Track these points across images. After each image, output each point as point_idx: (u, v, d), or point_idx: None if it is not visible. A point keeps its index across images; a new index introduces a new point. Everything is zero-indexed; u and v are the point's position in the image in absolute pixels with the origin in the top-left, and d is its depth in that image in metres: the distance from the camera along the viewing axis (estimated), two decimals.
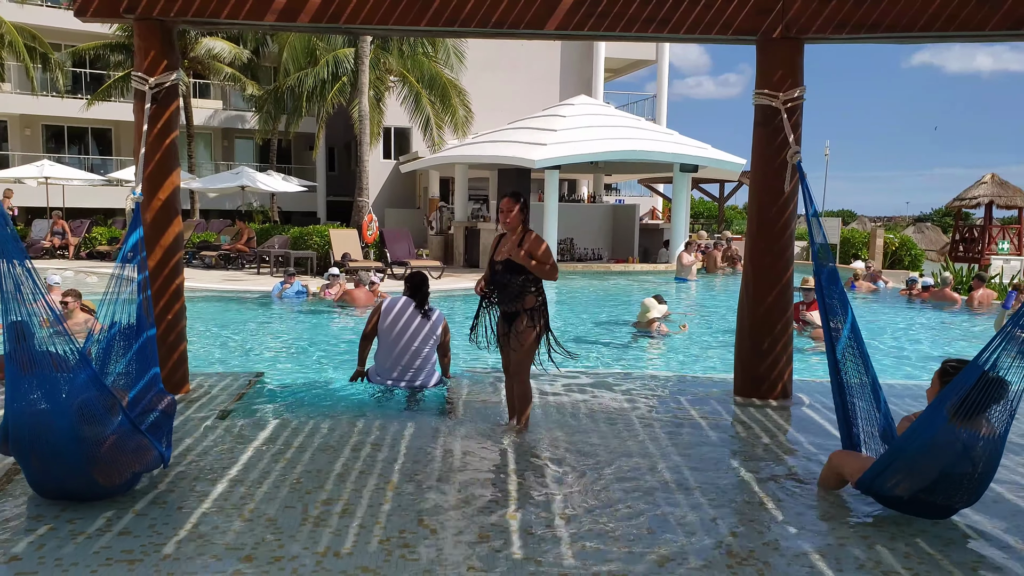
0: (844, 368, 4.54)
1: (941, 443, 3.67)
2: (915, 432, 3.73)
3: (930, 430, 3.67)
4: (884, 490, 3.93)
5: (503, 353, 5.52)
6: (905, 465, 3.78)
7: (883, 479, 3.88)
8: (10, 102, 29.77)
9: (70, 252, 21.80)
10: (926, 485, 3.77)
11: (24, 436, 3.71)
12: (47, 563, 3.29)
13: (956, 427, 3.61)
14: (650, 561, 3.44)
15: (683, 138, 22.62)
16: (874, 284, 16.86)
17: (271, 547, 3.49)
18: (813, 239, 4.94)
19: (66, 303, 8.80)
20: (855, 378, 4.51)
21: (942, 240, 38.05)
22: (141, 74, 5.81)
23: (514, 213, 5.28)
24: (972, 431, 3.63)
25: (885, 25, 5.79)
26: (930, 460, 3.71)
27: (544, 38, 6.51)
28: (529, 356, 5.38)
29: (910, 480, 3.79)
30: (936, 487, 3.76)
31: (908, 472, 3.78)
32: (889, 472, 3.84)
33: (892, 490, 3.88)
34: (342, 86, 25.03)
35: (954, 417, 3.60)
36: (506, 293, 5.33)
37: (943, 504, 3.86)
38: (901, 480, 3.82)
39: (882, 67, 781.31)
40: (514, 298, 5.31)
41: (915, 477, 3.77)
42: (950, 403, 3.60)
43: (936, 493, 3.79)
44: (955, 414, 3.60)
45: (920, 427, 3.72)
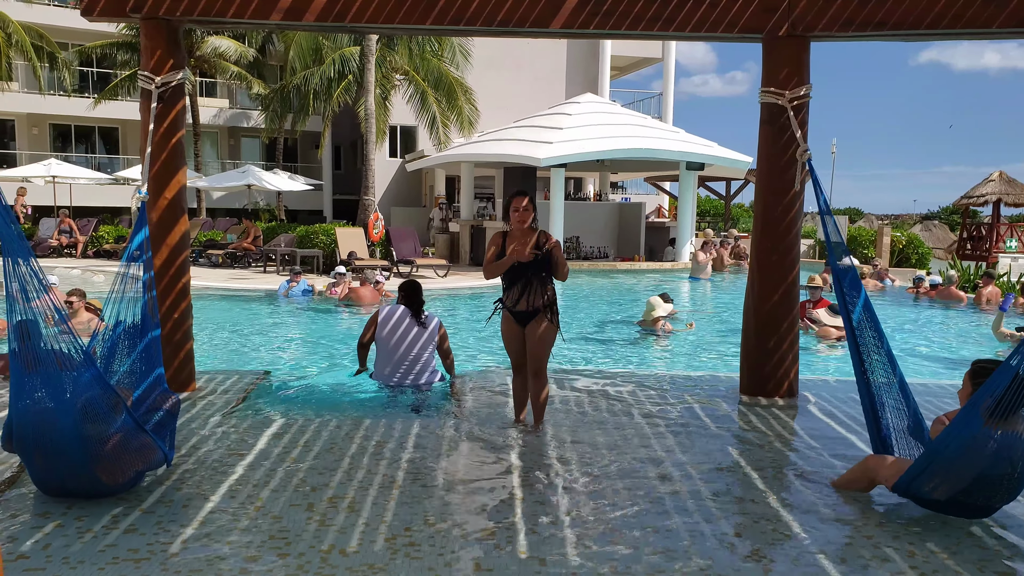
0: (870, 368, 4.48)
1: (977, 446, 3.61)
2: (950, 435, 3.67)
3: (965, 433, 3.62)
4: (922, 493, 3.88)
5: (515, 350, 5.47)
6: (942, 468, 3.72)
7: (920, 483, 3.83)
8: (17, 101, 29.87)
9: (77, 251, 21.88)
10: (964, 487, 3.72)
11: (28, 434, 3.72)
12: (54, 560, 3.30)
13: (992, 429, 3.56)
14: (655, 560, 3.43)
15: (689, 136, 22.58)
16: (880, 282, 16.81)
17: (277, 545, 3.50)
18: (828, 238, 4.89)
19: (71, 302, 8.82)
20: (882, 377, 4.45)
21: (949, 238, 37.91)
22: (147, 73, 5.82)
23: (529, 212, 5.28)
24: (1009, 432, 3.57)
25: (892, 23, 5.77)
26: (967, 463, 3.66)
27: (549, 36, 6.51)
28: (549, 353, 5.44)
29: (948, 483, 3.74)
30: (974, 489, 3.72)
31: (945, 475, 3.73)
32: (926, 476, 3.78)
33: (930, 493, 3.84)
34: (348, 85, 25.05)
35: (989, 419, 3.55)
36: (531, 291, 5.29)
37: (982, 505, 3.82)
38: (939, 484, 3.77)
39: (889, 65, 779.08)
40: (538, 296, 5.29)
41: (952, 480, 3.72)
42: (984, 405, 3.55)
43: (974, 495, 3.75)
44: (990, 416, 3.54)
45: (955, 430, 3.66)
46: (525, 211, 5.27)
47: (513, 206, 5.31)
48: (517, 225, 5.31)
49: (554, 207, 20.86)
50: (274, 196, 30.21)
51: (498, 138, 22.60)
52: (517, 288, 5.31)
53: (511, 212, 5.33)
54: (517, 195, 5.34)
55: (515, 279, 5.31)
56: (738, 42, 6.38)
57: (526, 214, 5.28)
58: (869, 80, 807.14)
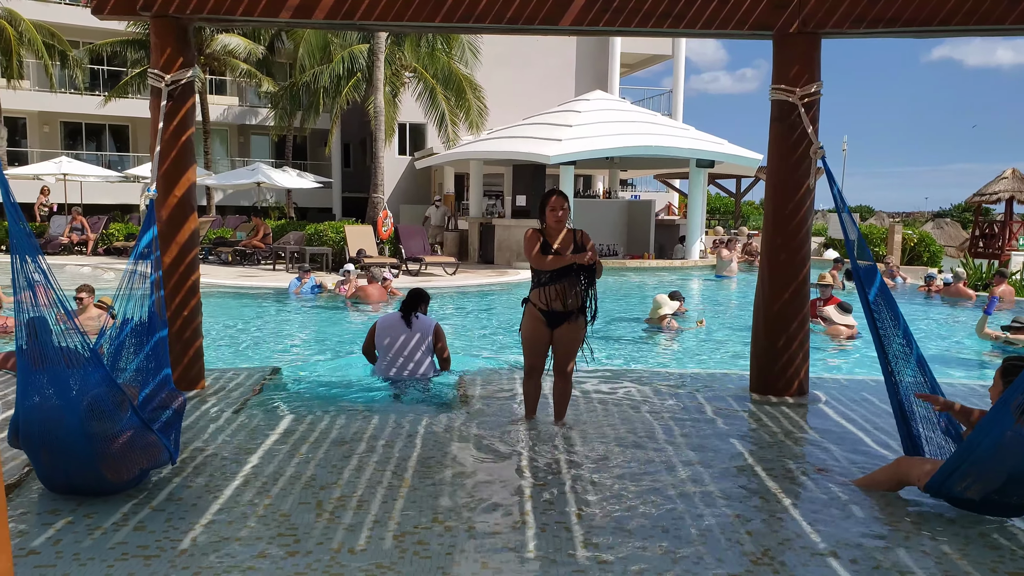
0: (896, 368, 4.43)
1: (1009, 444, 3.56)
2: (981, 433, 3.62)
3: (996, 431, 3.57)
4: (955, 493, 3.85)
5: (538, 352, 5.38)
6: (973, 468, 3.68)
7: (952, 482, 3.79)
8: (29, 99, 30.00)
9: (88, 248, 21.96)
10: (998, 486, 3.69)
11: (34, 431, 3.73)
12: (65, 557, 3.31)
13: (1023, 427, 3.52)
14: (665, 559, 3.42)
15: (699, 133, 22.52)
16: (892, 280, 16.73)
17: (286, 543, 3.50)
18: (847, 236, 4.85)
19: (81, 299, 8.86)
20: (909, 377, 4.41)
21: (962, 236, 37.70)
22: (157, 71, 5.83)
23: (566, 213, 5.23)
24: None
25: (903, 19, 5.73)
26: (999, 462, 3.62)
27: (559, 34, 6.49)
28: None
29: (981, 483, 3.71)
30: (1009, 488, 3.69)
31: (978, 475, 3.69)
32: (958, 475, 3.74)
33: (963, 493, 3.81)
34: (357, 82, 25.07)
35: (1021, 417, 3.50)
36: (569, 292, 5.20)
37: (1018, 503, 3.79)
38: (972, 483, 3.73)
39: (900, 62, 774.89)
40: (576, 298, 5.23)
41: (986, 479, 3.69)
42: (1015, 402, 3.50)
43: (1009, 493, 3.72)
44: (1022, 414, 3.49)
45: (986, 428, 3.61)
46: (564, 212, 5.22)
47: (550, 206, 5.23)
48: (555, 226, 5.25)
49: None
50: (284, 194, 30.27)
51: (507, 135, 22.59)
52: (555, 288, 5.20)
53: (547, 212, 5.25)
54: (554, 195, 5.25)
55: (554, 279, 5.20)
56: (749, 39, 6.35)
57: (564, 215, 5.23)
58: (880, 77, 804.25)
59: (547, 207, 5.25)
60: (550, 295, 5.21)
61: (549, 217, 5.24)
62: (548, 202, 5.25)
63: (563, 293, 5.19)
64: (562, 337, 5.30)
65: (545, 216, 5.27)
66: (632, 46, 33.23)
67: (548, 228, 5.29)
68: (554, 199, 5.23)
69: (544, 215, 5.28)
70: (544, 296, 5.23)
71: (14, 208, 2.90)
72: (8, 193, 2.84)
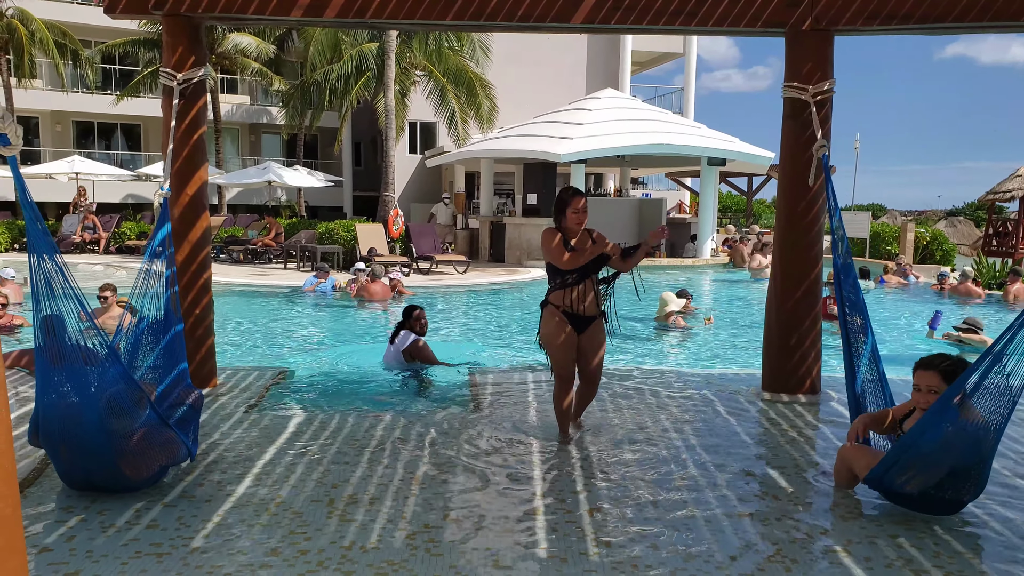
0: (859, 362, 4.60)
1: (953, 437, 3.63)
2: (925, 427, 3.68)
3: (942, 424, 3.63)
4: (894, 486, 3.87)
5: (571, 359, 5.05)
6: (916, 461, 3.72)
7: (892, 475, 3.83)
8: (41, 98, 30.18)
9: (100, 247, 22.07)
10: (937, 481, 3.73)
11: (54, 428, 3.76)
12: (78, 554, 3.33)
13: (967, 420, 3.60)
14: (677, 557, 3.41)
15: (711, 131, 22.45)
16: (904, 279, 16.65)
17: (297, 541, 3.51)
18: (833, 233, 4.97)
19: (105, 297, 8.97)
20: (867, 372, 4.57)
21: (975, 234, 37.49)
22: (169, 70, 5.85)
23: (586, 213, 5.02)
24: (979, 422, 3.60)
25: (917, 16, 5.69)
26: (943, 455, 3.67)
27: (570, 32, 6.48)
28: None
29: (922, 476, 3.74)
30: (947, 482, 3.74)
31: (919, 468, 3.73)
32: (898, 468, 3.79)
33: (903, 487, 3.83)
34: (367, 80, 25.10)
35: (964, 411, 3.60)
36: (592, 293, 5.01)
37: (952, 499, 3.82)
38: (912, 476, 3.76)
39: (913, 59, 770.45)
40: (597, 298, 5.05)
41: (927, 473, 3.73)
42: (958, 397, 3.60)
43: (946, 488, 3.77)
44: (964, 407, 3.59)
45: (931, 422, 3.66)
46: (584, 212, 4.98)
47: (572, 206, 4.97)
48: (576, 227, 4.99)
49: None
50: (295, 192, 30.35)
51: (518, 134, 22.57)
52: (579, 289, 4.96)
53: (569, 212, 4.97)
54: (575, 195, 5.00)
55: (579, 279, 4.96)
56: (761, 36, 6.33)
57: (585, 215, 4.99)
58: (893, 75, 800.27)
59: (569, 207, 4.97)
60: (574, 296, 4.96)
61: (571, 219, 4.98)
62: (571, 202, 4.97)
63: (581, 295, 4.97)
64: (590, 341, 5.05)
65: (565, 217, 4.99)
66: (643, 44, 33.16)
67: (567, 229, 5.04)
68: (575, 199, 4.97)
69: (564, 215, 5.00)
70: (568, 298, 4.97)
71: (31, 207, 2.91)
72: (25, 192, 2.86)
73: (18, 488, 1.87)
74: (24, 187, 2.87)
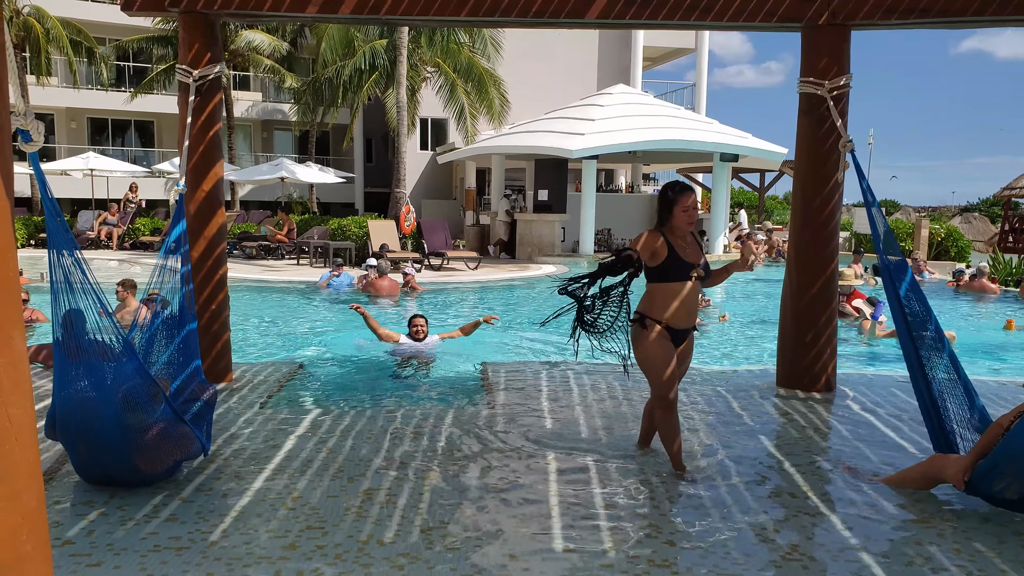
0: (929, 364, 4.38)
1: None
2: (1020, 432, 3.56)
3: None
4: (992, 492, 3.80)
5: (673, 376, 4.37)
6: (1012, 467, 3.63)
7: (990, 481, 3.74)
8: (56, 96, 30.34)
9: (113, 243, 22.19)
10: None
11: (71, 423, 3.78)
12: (99, 547, 3.36)
13: None
14: (693, 554, 3.41)
15: (723, 127, 22.37)
16: (919, 276, 16.56)
17: (314, 535, 3.53)
18: (875, 230, 4.81)
19: (123, 294, 9.04)
20: (942, 373, 4.36)
21: (990, 230, 37.21)
22: (185, 67, 5.87)
23: (697, 212, 4.39)
24: None
25: (936, 10, 5.64)
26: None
27: (584, 27, 6.47)
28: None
29: (1020, 482, 3.65)
30: None
31: (1016, 474, 3.64)
32: (995, 474, 3.69)
33: (1002, 493, 3.75)
34: (378, 77, 25.12)
35: None
36: (696, 303, 4.44)
37: None
38: (1010, 483, 3.67)
39: (929, 54, 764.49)
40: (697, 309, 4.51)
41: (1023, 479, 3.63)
42: None
43: None
44: None
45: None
46: (694, 211, 4.32)
47: (681, 204, 4.27)
48: (686, 228, 4.32)
49: (586, 199, 20.79)
50: (307, 189, 30.42)
51: (529, 130, 22.56)
52: (686, 300, 4.33)
53: (678, 211, 4.28)
54: (684, 191, 4.30)
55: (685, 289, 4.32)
56: (776, 31, 6.29)
57: (696, 213, 4.35)
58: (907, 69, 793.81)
59: (678, 206, 4.28)
60: (679, 309, 4.33)
61: (681, 218, 4.29)
62: (680, 200, 4.27)
63: (688, 307, 4.35)
64: (685, 357, 4.51)
65: (672, 216, 4.30)
66: (655, 39, 33.02)
67: (675, 230, 4.32)
68: (684, 196, 4.27)
69: (671, 215, 4.30)
70: (670, 311, 4.32)
71: (51, 203, 2.93)
72: (46, 187, 2.87)
73: (42, 481, 1.89)
74: (45, 183, 2.89)
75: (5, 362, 1.68)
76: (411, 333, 8.40)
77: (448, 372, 7.43)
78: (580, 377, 6.66)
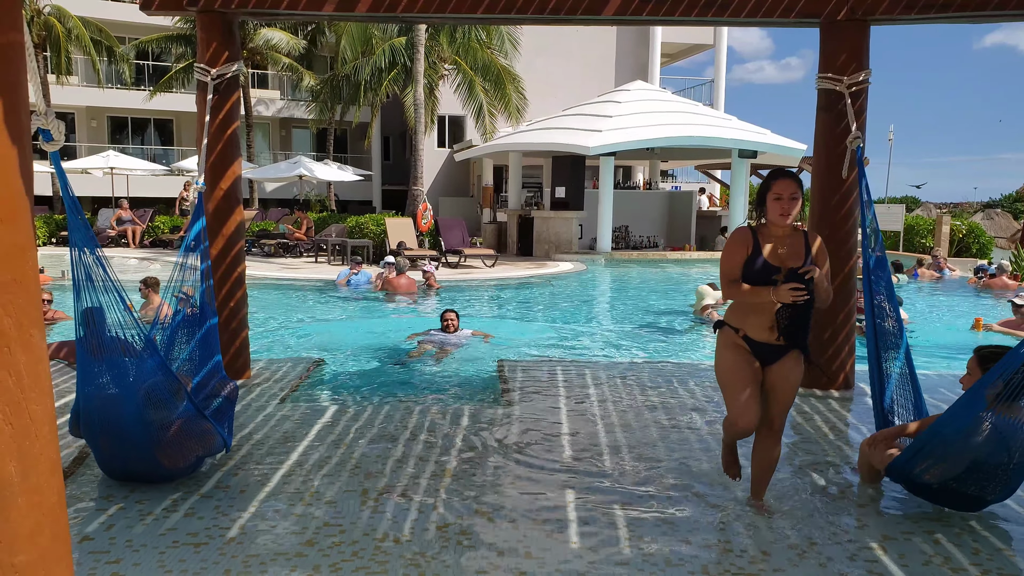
0: (886, 354, 4.53)
1: (977, 429, 3.54)
2: (951, 416, 3.58)
3: (967, 414, 3.54)
4: (914, 476, 3.81)
5: (750, 394, 3.69)
6: (938, 450, 3.65)
7: (913, 463, 3.76)
8: (77, 94, 30.63)
9: (136, 240, 22.37)
10: (958, 474, 3.65)
11: (94, 419, 3.83)
12: (118, 543, 3.39)
13: (995, 413, 3.49)
14: (711, 553, 3.40)
15: (741, 123, 22.26)
16: (939, 272, 16.40)
17: (331, 532, 3.55)
18: (865, 227, 4.84)
19: (145, 292, 9.15)
20: (896, 368, 4.51)
21: (1013, 226, 36.78)
22: (203, 65, 5.91)
23: (797, 202, 3.63)
24: (1010, 418, 3.49)
25: (957, 4, 5.57)
26: (964, 447, 3.58)
27: (601, 24, 6.45)
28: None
29: (942, 466, 3.67)
30: (968, 476, 3.65)
31: (940, 458, 3.66)
32: (920, 457, 3.72)
33: (921, 476, 3.77)
34: (396, 75, 25.17)
35: (994, 402, 3.47)
36: (799, 317, 3.67)
37: (974, 495, 3.74)
38: (932, 465, 3.69)
39: (952, 48, 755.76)
40: (804, 325, 3.71)
41: (947, 464, 3.65)
42: (991, 389, 3.46)
43: (967, 483, 3.68)
44: (996, 399, 3.46)
45: (957, 411, 3.56)
46: (792, 200, 3.61)
47: (774, 191, 3.63)
48: (778, 220, 3.64)
49: (603, 196, 20.75)
50: (325, 186, 30.54)
51: (547, 127, 22.54)
52: (773, 313, 3.66)
53: (770, 200, 3.65)
54: (780, 177, 3.66)
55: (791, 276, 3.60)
56: (795, 27, 6.25)
57: (792, 205, 3.62)
58: (930, 64, 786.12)
59: (771, 192, 3.65)
60: (762, 322, 3.68)
61: (772, 209, 3.64)
62: (773, 185, 3.64)
63: (776, 320, 3.67)
64: (781, 379, 3.76)
65: (766, 207, 3.69)
66: (673, 36, 32.90)
67: (768, 226, 3.71)
68: (778, 183, 3.63)
69: (764, 206, 3.70)
70: (750, 322, 3.71)
71: (72, 201, 2.96)
72: (67, 186, 2.90)
73: (63, 478, 1.91)
74: (66, 182, 2.92)
75: (26, 360, 1.70)
76: (443, 327, 8.63)
77: (466, 369, 7.44)
78: (597, 374, 6.65)
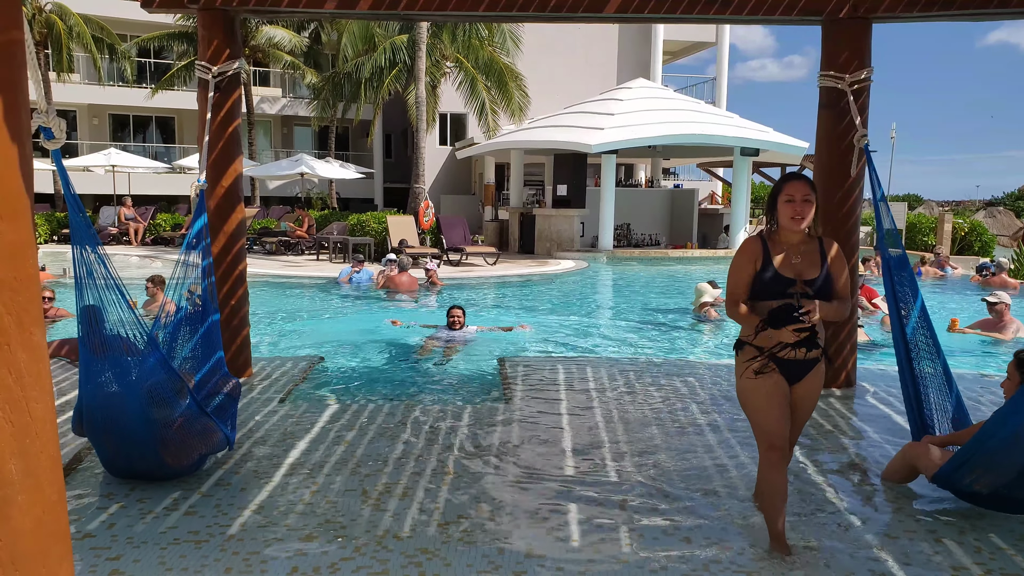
0: (916, 356, 4.41)
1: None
2: (996, 425, 3.54)
3: (1013, 422, 3.48)
4: (963, 485, 3.77)
5: (780, 417, 3.40)
6: (985, 460, 3.60)
7: (961, 474, 3.72)
8: (79, 92, 30.67)
9: (137, 238, 22.39)
10: (1008, 480, 3.61)
11: (97, 418, 3.83)
12: (119, 540, 3.39)
13: None
14: (710, 551, 3.40)
15: (744, 121, 22.24)
16: (941, 270, 16.39)
17: (332, 529, 3.55)
18: (880, 224, 4.82)
19: (152, 289, 9.17)
20: (928, 367, 4.39)
21: (1015, 224, 36.73)
22: (205, 63, 5.91)
23: (810, 205, 3.37)
24: None
25: (959, 1, 5.56)
26: (1013, 455, 3.53)
27: (603, 21, 6.45)
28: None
29: (991, 475, 3.62)
30: (1019, 482, 3.60)
31: (989, 466, 3.61)
32: (968, 467, 3.67)
33: (971, 486, 3.72)
34: (398, 73, 25.17)
35: None
36: (815, 328, 3.41)
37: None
38: (981, 475, 3.65)
39: (954, 46, 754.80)
40: (817, 337, 3.43)
41: (996, 472, 3.60)
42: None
43: (1019, 488, 3.63)
44: None
45: (1002, 419, 3.52)
46: (805, 203, 3.37)
47: (786, 193, 3.39)
48: (790, 224, 3.39)
49: (605, 194, 20.74)
50: (326, 184, 30.55)
51: (549, 124, 22.53)
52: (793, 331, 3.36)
53: (781, 203, 3.41)
54: (792, 179, 3.43)
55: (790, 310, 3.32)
56: (797, 25, 6.24)
57: (805, 207, 3.37)
58: (932, 63, 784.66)
59: (781, 195, 3.41)
60: (776, 336, 3.38)
61: (783, 212, 3.40)
62: (784, 187, 3.41)
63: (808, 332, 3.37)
64: (806, 394, 3.52)
65: (777, 212, 3.45)
66: (675, 33, 32.88)
67: (781, 233, 3.46)
68: (790, 184, 3.40)
69: (775, 210, 3.46)
70: (774, 338, 3.39)
71: (74, 199, 2.96)
72: (68, 184, 2.90)
73: (63, 475, 1.91)
74: (68, 179, 2.91)
75: (27, 358, 1.70)
76: (449, 323, 8.72)
77: (468, 366, 7.44)
78: (598, 372, 6.65)
